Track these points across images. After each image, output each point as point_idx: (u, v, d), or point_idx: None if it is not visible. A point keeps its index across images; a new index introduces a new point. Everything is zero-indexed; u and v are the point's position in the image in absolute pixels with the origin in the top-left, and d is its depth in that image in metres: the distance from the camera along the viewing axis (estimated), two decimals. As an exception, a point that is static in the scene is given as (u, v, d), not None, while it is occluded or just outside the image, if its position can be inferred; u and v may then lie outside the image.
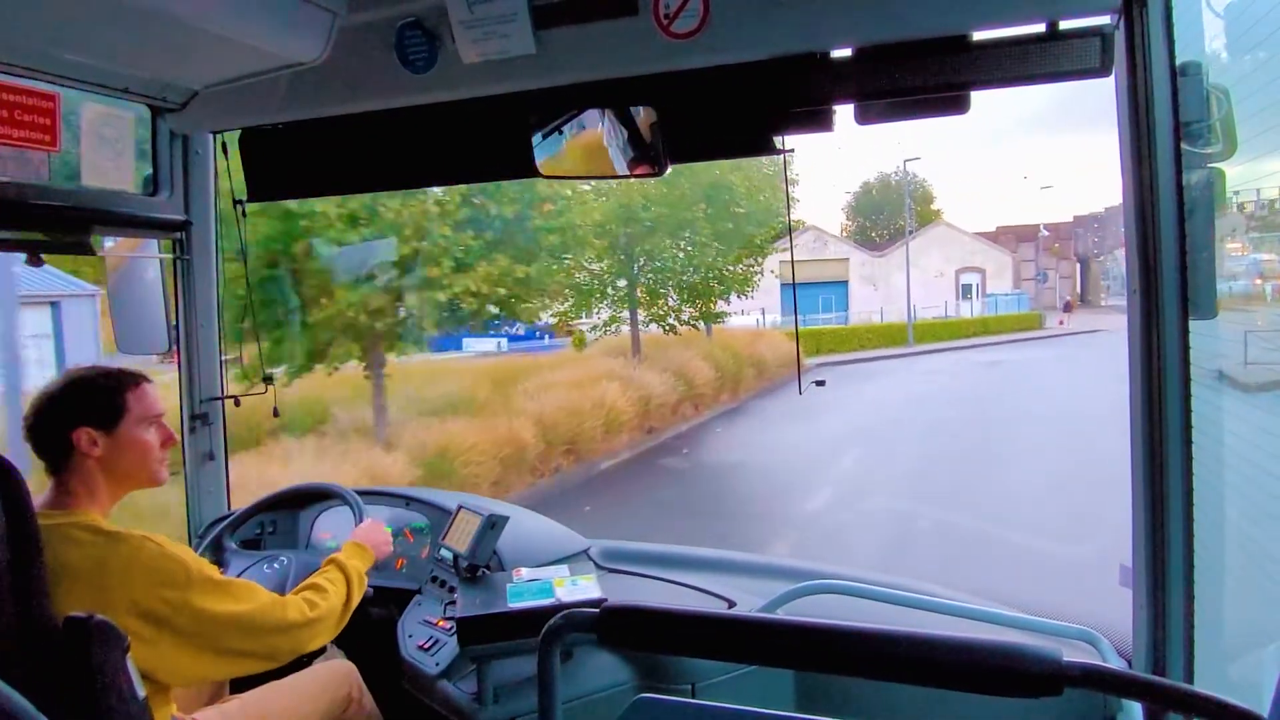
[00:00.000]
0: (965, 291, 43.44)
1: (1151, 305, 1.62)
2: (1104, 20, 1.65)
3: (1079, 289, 50.64)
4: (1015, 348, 29.53)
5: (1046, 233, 46.66)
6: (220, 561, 2.39)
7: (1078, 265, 50.52)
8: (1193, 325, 1.60)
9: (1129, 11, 1.60)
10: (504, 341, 22.06)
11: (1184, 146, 1.57)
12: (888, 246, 46.32)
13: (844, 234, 48.79)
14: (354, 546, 2.06)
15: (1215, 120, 1.56)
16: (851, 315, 39.42)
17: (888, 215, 52.41)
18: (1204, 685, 1.42)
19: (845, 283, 42.98)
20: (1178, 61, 1.56)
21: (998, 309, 39.86)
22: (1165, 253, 1.59)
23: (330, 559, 1.99)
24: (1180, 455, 1.61)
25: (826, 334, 31.71)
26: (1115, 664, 1.86)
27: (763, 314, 31.25)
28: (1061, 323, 37.01)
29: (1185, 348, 1.60)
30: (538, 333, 22.44)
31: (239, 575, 2.28)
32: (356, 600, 1.95)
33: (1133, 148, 1.62)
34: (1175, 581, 1.64)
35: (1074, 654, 1.47)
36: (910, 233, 42.94)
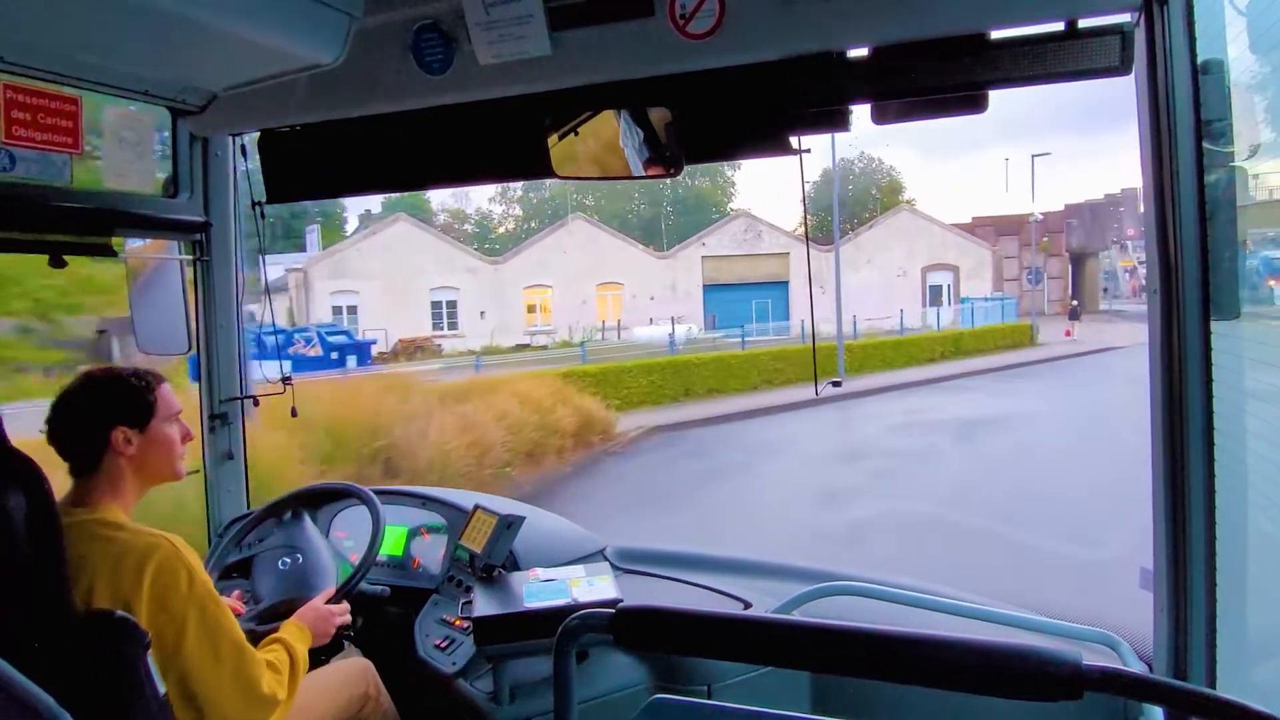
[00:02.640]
0: (934, 295, 36.49)
1: (1172, 305, 1.60)
2: (1124, 18, 1.63)
3: (1070, 290, 43.35)
4: (1005, 381, 21.53)
5: (1040, 217, 38.76)
6: (239, 558, 2.41)
7: (1070, 263, 43.65)
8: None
9: (1149, 9, 1.58)
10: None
11: (1205, 145, 1.55)
12: (841, 239, 35.80)
13: (797, 230, 40.24)
14: (296, 629, 1.97)
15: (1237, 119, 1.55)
16: (793, 325, 31.29)
17: (850, 207, 44.61)
18: (1227, 690, 1.41)
19: (785, 284, 35.99)
20: (1199, 59, 1.55)
21: (974, 319, 31.69)
22: (1186, 252, 1.57)
23: (276, 638, 1.91)
24: (1202, 456, 1.60)
25: (703, 364, 21.01)
26: (1136, 668, 1.85)
27: (674, 323, 26.92)
28: (1069, 334, 30.32)
29: (1207, 348, 1.58)
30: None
31: (256, 572, 2.30)
32: (297, 687, 1.86)
33: (1153, 147, 1.61)
34: (1197, 584, 1.62)
35: (1092, 657, 1.45)
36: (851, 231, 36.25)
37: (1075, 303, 35.28)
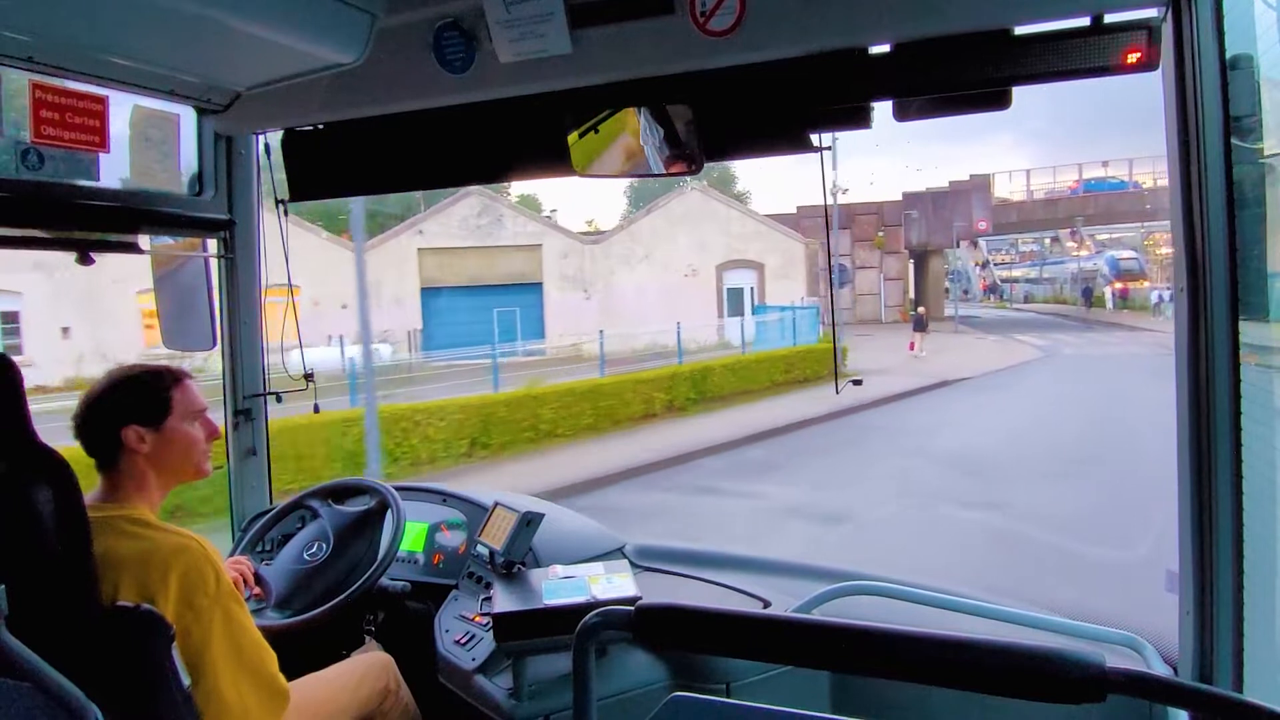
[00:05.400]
0: (734, 300, 28.54)
1: (1199, 304, 1.58)
2: (1151, 13, 1.61)
3: (914, 294, 38.46)
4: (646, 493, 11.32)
5: (833, 203, 28.81)
6: (263, 553, 2.45)
7: (911, 261, 38.84)
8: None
9: (1177, 4, 1.56)
10: None
11: (1233, 141, 1.53)
12: (613, 231, 29.56)
13: (592, 226, 33.06)
14: None
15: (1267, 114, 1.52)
16: (551, 342, 24.73)
17: (645, 185, 37.04)
18: (1254, 695, 1.39)
19: (538, 286, 27.58)
20: (1228, 54, 1.52)
21: (766, 334, 23.93)
22: (1214, 250, 1.55)
23: None
24: (1230, 457, 1.57)
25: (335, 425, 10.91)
26: (1160, 671, 1.83)
27: (368, 341, 16.28)
28: (913, 348, 24.15)
29: (1235, 347, 1.56)
30: None
31: (280, 565, 2.33)
32: None
33: (1180, 143, 1.58)
34: (1224, 586, 1.60)
35: (1116, 660, 1.44)
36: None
37: (920, 309, 27.98)
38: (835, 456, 12.62)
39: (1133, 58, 1.62)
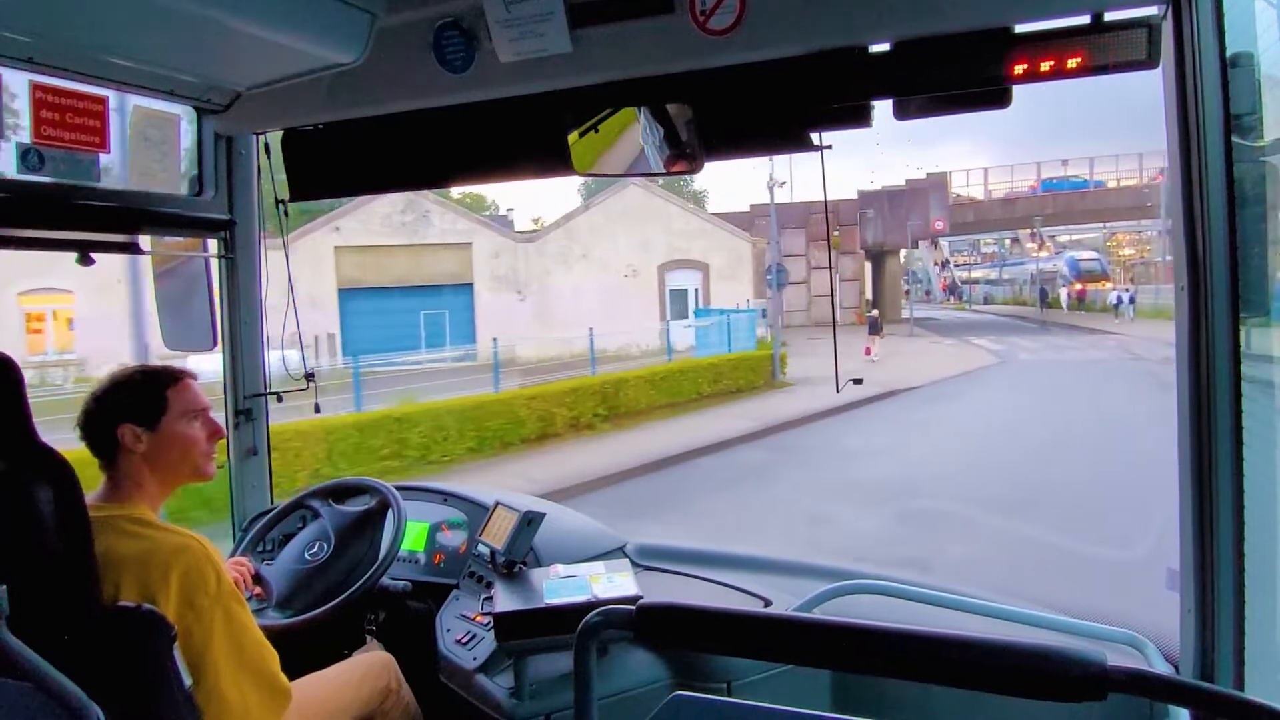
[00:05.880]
0: (678, 302, 26.98)
1: (1200, 302, 1.58)
2: (1151, 11, 1.61)
3: (872, 295, 37.31)
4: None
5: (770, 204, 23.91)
6: (264, 553, 2.45)
7: (869, 262, 37.92)
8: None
9: (1177, 2, 1.56)
10: None
11: (1234, 139, 1.53)
12: (549, 229, 27.39)
13: (539, 224, 30.73)
14: None
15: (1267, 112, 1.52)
16: (483, 346, 21.55)
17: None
18: (1255, 693, 1.39)
19: (469, 287, 25.64)
20: (1228, 52, 1.52)
21: (708, 339, 21.88)
22: (1215, 248, 1.55)
23: None
24: (1230, 455, 1.57)
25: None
26: (1161, 669, 1.83)
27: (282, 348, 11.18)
28: (869, 352, 22.58)
29: (1235, 346, 1.56)
30: None
31: (281, 564, 2.33)
32: None
33: (1180, 141, 1.58)
34: (1225, 585, 1.60)
35: (1117, 658, 1.44)
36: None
37: (875, 312, 26.77)
38: (739, 492, 10.51)
39: (1133, 56, 1.62)
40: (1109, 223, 45.57)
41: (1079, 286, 42.42)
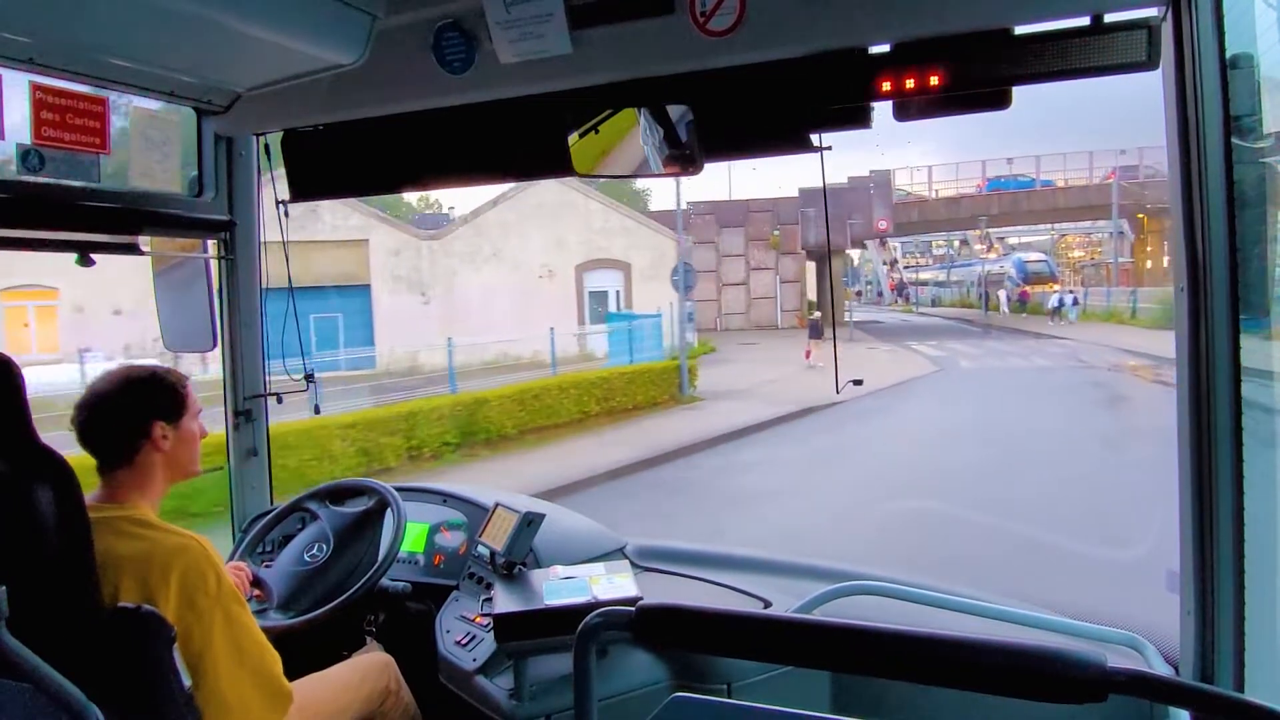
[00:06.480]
0: (597, 304, 24.75)
1: (1200, 303, 1.58)
2: (1151, 12, 1.61)
3: (817, 297, 35.13)
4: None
5: (686, 206, 24.31)
6: (264, 554, 2.45)
7: (812, 262, 35.01)
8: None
9: (1177, 3, 1.56)
10: None
11: (1234, 141, 1.53)
12: (454, 226, 24.83)
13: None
14: None
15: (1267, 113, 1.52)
16: (381, 353, 20.12)
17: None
18: (1255, 694, 1.39)
19: (365, 288, 23.10)
20: (1228, 54, 1.52)
21: (623, 346, 19.30)
22: (1214, 249, 1.55)
23: None
24: (1230, 456, 1.57)
25: None
26: (1162, 670, 1.83)
27: (82, 360, 14.66)
28: (809, 355, 20.78)
29: (1235, 346, 1.56)
30: None
31: (281, 566, 2.33)
32: None
33: (1180, 142, 1.59)
34: (1225, 586, 1.60)
35: (1117, 659, 1.44)
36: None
37: (817, 315, 25.30)
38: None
39: (1133, 57, 1.62)
40: (1058, 223, 44.71)
41: (1021, 289, 41.64)
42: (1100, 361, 20.58)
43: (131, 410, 1.74)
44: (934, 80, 1.77)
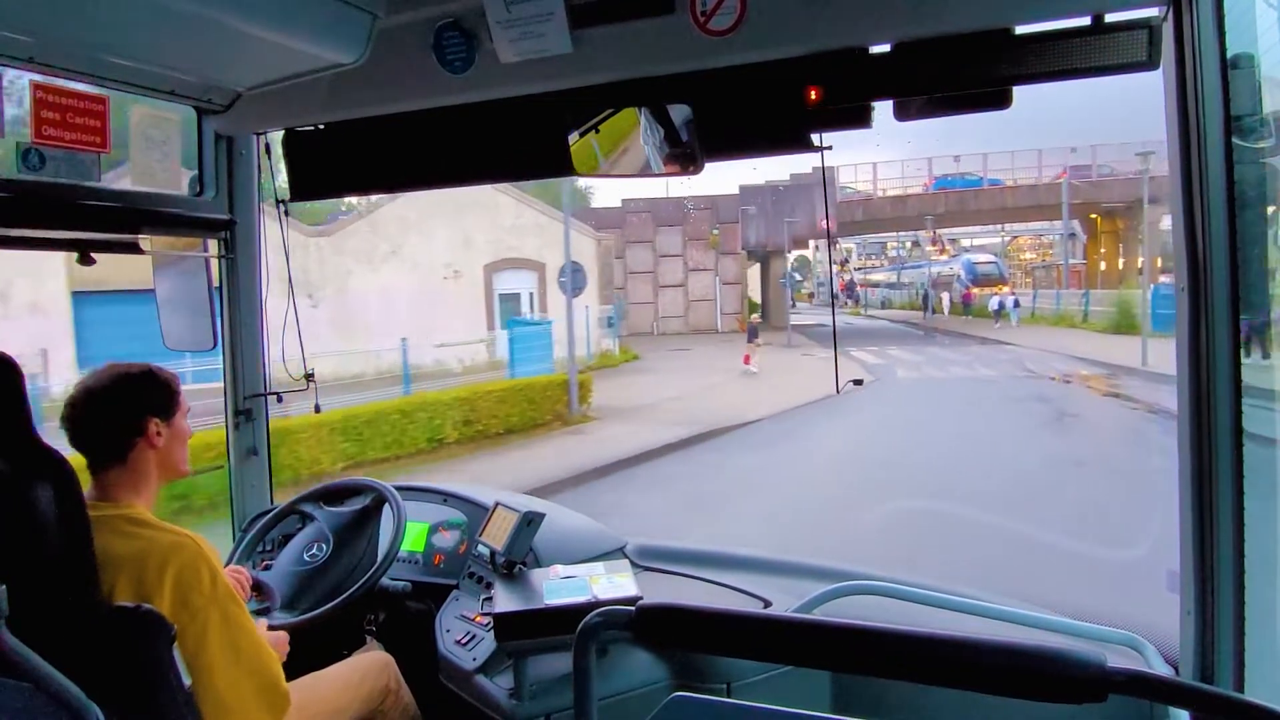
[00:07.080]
0: (509, 307, 23.02)
1: (1200, 303, 1.58)
2: (1151, 12, 1.61)
3: (760, 299, 34.26)
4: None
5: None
6: (264, 554, 2.45)
7: (757, 264, 34.54)
8: None
9: (1178, 3, 1.56)
10: None
11: (1235, 141, 1.53)
12: (346, 221, 22.42)
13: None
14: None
15: (1268, 114, 1.52)
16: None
17: None
18: (1255, 694, 1.39)
19: None
20: (1229, 54, 1.52)
21: (528, 354, 17.43)
22: (1215, 250, 1.55)
23: None
24: (1230, 456, 1.57)
25: None
26: (1161, 670, 1.83)
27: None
28: (748, 361, 20.44)
29: (1236, 346, 1.56)
30: None
31: (281, 566, 2.33)
32: None
33: (1181, 142, 1.58)
34: (1225, 586, 1.60)
35: (1117, 659, 1.44)
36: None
37: (756, 318, 24.22)
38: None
39: (1133, 57, 1.62)
40: (1008, 224, 44.00)
41: (964, 291, 40.60)
42: (1046, 370, 19.55)
43: (126, 406, 1.74)
44: (934, 80, 1.77)
